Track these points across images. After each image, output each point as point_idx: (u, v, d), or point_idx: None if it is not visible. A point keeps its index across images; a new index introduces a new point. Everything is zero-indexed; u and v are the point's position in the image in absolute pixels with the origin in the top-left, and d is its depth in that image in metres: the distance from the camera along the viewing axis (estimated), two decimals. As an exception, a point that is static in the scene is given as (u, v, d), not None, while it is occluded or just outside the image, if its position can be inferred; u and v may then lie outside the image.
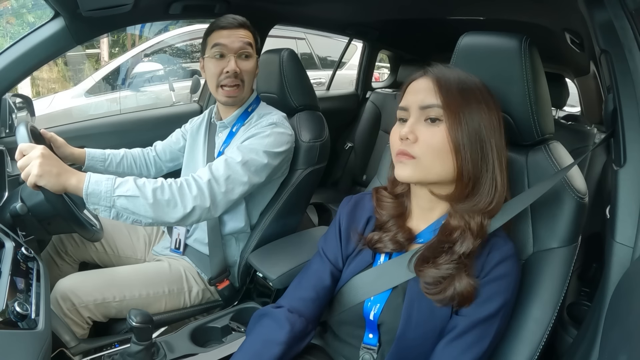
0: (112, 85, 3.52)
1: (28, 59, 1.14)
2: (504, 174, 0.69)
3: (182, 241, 1.22)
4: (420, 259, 0.69)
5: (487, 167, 0.68)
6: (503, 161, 0.69)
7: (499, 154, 0.68)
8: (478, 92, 0.68)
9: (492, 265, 0.67)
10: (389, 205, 0.77)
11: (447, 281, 0.66)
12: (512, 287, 0.67)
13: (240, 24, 1.13)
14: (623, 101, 0.70)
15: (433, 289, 0.66)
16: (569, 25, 1.35)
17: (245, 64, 1.13)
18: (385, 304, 0.71)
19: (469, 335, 0.65)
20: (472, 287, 0.65)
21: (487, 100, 0.68)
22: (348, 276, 0.77)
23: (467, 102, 0.66)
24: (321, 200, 2.19)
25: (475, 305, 0.66)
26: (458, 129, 0.65)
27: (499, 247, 0.68)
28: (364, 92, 2.49)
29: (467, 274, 0.65)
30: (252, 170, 1.05)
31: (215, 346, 0.95)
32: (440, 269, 0.66)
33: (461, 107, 0.66)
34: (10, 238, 0.84)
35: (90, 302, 1.03)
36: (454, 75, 0.69)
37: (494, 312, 0.65)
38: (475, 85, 0.69)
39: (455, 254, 0.66)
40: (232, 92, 1.12)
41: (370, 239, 0.76)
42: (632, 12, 0.66)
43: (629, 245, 0.66)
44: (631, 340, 0.49)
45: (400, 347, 0.69)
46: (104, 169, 1.23)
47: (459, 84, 0.67)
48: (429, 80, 0.68)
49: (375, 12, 1.80)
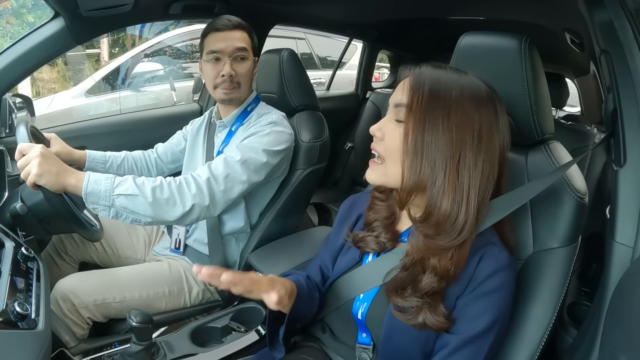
0: (112, 85, 3.52)
1: (28, 59, 1.14)
2: (470, 197, 0.61)
3: (182, 241, 1.22)
4: (391, 285, 0.66)
5: (436, 184, 0.61)
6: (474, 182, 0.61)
7: (463, 174, 0.61)
8: (454, 99, 0.61)
9: (483, 278, 0.62)
10: (379, 207, 0.76)
11: (416, 310, 0.63)
12: (506, 299, 0.63)
13: (236, 25, 1.13)
14: (623, 101, 0.70)
15: (404, 316, 0.64)
16: (569, 25, 1.35)
17: (241, 66, 1.13)
18: (371, 303, 0.71)
19: (461, 354, 0.62)
20: (441, 323, 0.61)
21: (464, 109, 0.61)
22: (337, 273, 0.77)
23: (433, 107, 0.61)
24: (321, 200, 2.19)
25: (465, 321, 0.62)
26: (413, 134, 0.61)
27: (493, 257, 0.63)
28: (364, 92, 2.49)
29: (433, 312, 0.62)
30: (251, 169, 1.05)
31: (215, 346, 0.95)
32: (406, 300, 0.63)
33: (424, 111, 0.61)
34: (10, 238, 0.84)
35: (90, 303, 1.03)
36: (434, 77, 0.63)
37: (487, 327, 0.62)
38: (456, 90, 0.62)
39: (418, 290, 0.63)
40: (228, 89, 1.13)
41: (355, 236, 0.76)
42: (632, 12, 0.66)
43: (629, 245, 0.66)
44: (631, 341, 0.49)
45: (387, 351, 0.68)
46: (104, 171, 1.23)
47: (431, 86, 0.62)
48: (407, 79, 0.65)
49: (375, 12, 1.80)
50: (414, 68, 0.66)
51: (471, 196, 0.62)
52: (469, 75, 0.66)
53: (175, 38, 3.72)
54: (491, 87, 0.66)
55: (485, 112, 0.62)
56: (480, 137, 0.62)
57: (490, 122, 0.63)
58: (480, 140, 0.62)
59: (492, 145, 0.63)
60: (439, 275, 0.62)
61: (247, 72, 1.15)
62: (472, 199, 0.62)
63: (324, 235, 1.23)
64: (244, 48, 1.13)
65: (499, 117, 0.64)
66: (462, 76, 0.65)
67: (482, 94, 0.64)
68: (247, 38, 1.15)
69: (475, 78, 0.66)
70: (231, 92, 1.14)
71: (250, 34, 1.16)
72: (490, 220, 0.66)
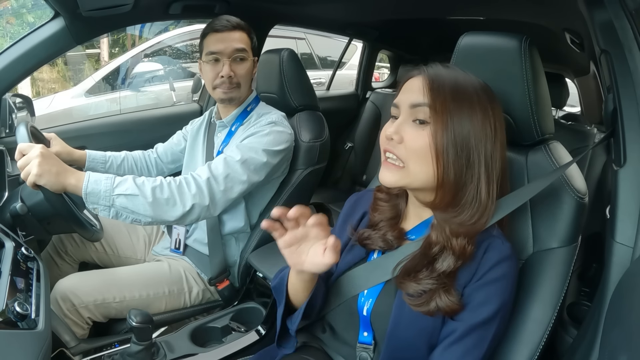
0: (112, 85, 3.53)
1: (28, 59, 1.14)
2: (492, 185, 0.65)
3: (181, 241, 1.22)
4: (403, 271, 0.67)
5: (472, 178, 0.65)
6: (494, 172, 0.65)
7: (488, 165, 0.65)
8: (475, 96, 0.64)
9: (487, 267, 0.65)
10: (383, 208, 0.76)
11: (428, 294, 0.64)
12: (509, 288, 0.66)
13: (235, 25, 1.13)
14: (623, 101, 0.70)
15: (415, 301, 0.65)
16: (569, 25, 1.35)
17: (240, 67, 1.13)
18: (377, 299, 0.71)
19: (466, 340, 0.64)
20: (454, 304, 0.63)
21: (483, 105, 0.65)
22: (341, 269, 0.77)
23: (458, 105, 0.63)
24: (321, 200, 2.19)
25: (471, 309, 0.64)
26: (443, 133, 0.63)
27: (496, 248, 0.66)
28: (364, 92, 2.49)
29: (447, 293, 0.63)
30: (251, 169, 1.05)
31: (215, 346, 0.95)
32: (420, 284, 0.65)
33: (450, 110, 0.63)
34: (10, 238, 0.84)
35: (90, 303, 1.03)
36: (449, 76, 0.66)
37: (492, 315, 0.64)
38: (473, 88, 0.65)
39: (435, 271, 0.64)
40: (228, 89, 1.13)
41: (360, 235, 0.76)
42: (632, 12, 0.66)
43: (629, 245, 0.66)
44: (631, 341, 0.49)
45: (392, 346, 0.68)
46: (104, 171, 1.23)
47: (452, 85, 0.64)
48: (422, 79, 0.66)
49: (375, 12, 1.80)
50: (424, 68, 0.68)
51: (493, 186, 0.66)
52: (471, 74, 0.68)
53: (175, 38, 3.73)
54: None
55: (497, 108, 0.67)
56: (496, 131, 0.66)
57: (501, 117, 0.67)
58: (496, 136, 0.66)
59: (504, 138, 0.67)
60: (456, 254, 0.64)
61: (246, 72, 1.15)
62: (493, 188, 0.66)
63: (324, 235, 1.22)
64: (243, 49, 1.13)
65: (501, 112, 0.68)
66: (468, 75, 0.68)
67: (490, 91, 0.67)
68: (246, 38, 1.15)
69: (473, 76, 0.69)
70: (230, 92, 1.14)
71: (249, 34, 1.16)
72: (497, 216, 0.67)
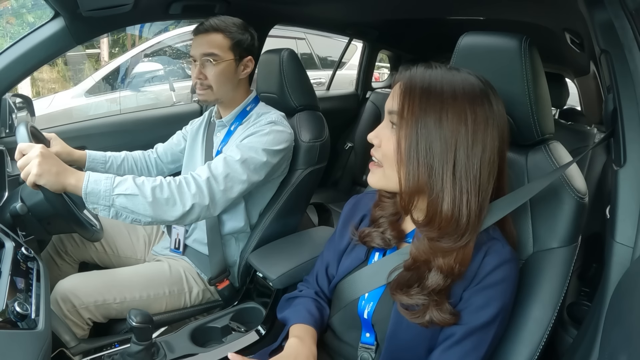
0: (112, 86, 3.52)
1: (28, 59, 1.14)
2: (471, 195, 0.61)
3: (181, 241, 1.22)
4: (395, 284, 0.67)
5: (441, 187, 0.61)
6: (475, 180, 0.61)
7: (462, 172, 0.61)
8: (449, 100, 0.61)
9: (487, 271, 0.64)
10: (386, 204, 0.77)
11: (422, 309, 0.64)
12: (509, 292, 0.65)
13: (208, 28, 1.11)
14: (623, 101, 0.70)
15: (410, 315, 0.65)
16: (569, 25, 1.35)
17: (209, 70, 1.11)
18: (378, 302, 0.71)
19: (465, 343, 0.64)
20: (447, 320, 0.63)
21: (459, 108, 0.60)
22: (343, 273, 0.78)
23: (424, 112, 0.61)
24: (321, 200, 2.19)
25: (470, 312, 0.64)
26: (407, 138, 0.61)
27: (496, 251, 0.65)
28: (364, 92, 2.49)
29: (439, 310, 0.63)
30: (251, 169, 1.05)
31: (215, 346, 0.95)
32: (412, 299, 0.64)
33: (416, 116, 0.61)
34: (10, 238, 0.84)
35: (90, 304, 1.03)
36: (423, 80, 0.63)
37: (491, 318, 0.64)
38: (450, 91, 0.61)
39: (426, 288, 0.64)
40: (201, 91, 1.14)
41: (361, 232, 0.77)
42: (632, 12, 0.66)
43: (629, 245, 0.66)
44: (631, 341, 0.49)
45: (392, 348, 0.68)
46: (104, 171, 1.23)
47: (423, 90, 0.62)
48: (398, 84, 0.65)
49: (375, 12, 1.80)
50: (405, 71, 0.66)
51: (471, 197, 0.62)
52: (461, 72, 0.65)
53: (175, 38, 3.72)
54: (485, 80, 0.65)
55: (480, 109, 0.62)
56: (475, 137, 0.61)
57: (485, 117, 0.62)
58: (476, 140, 0.61)
59: (489, 143, 0.62)
60: (444, 273, 0.63)
61: (216, 75, 1.11)
62: (472, 200, 0.62)
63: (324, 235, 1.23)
64: (212, 53, 1.10)
65: (494, 111, 0.63)
66: (455, 74, 0.64)
67: (474, 90, 0.62)
68: (222, 40, 1.11)
69: (468, 74, 0.65)
70: (203, 94, 1.14)
71: (231, 35, 1.12)
72: (491, 219, 0.66)
